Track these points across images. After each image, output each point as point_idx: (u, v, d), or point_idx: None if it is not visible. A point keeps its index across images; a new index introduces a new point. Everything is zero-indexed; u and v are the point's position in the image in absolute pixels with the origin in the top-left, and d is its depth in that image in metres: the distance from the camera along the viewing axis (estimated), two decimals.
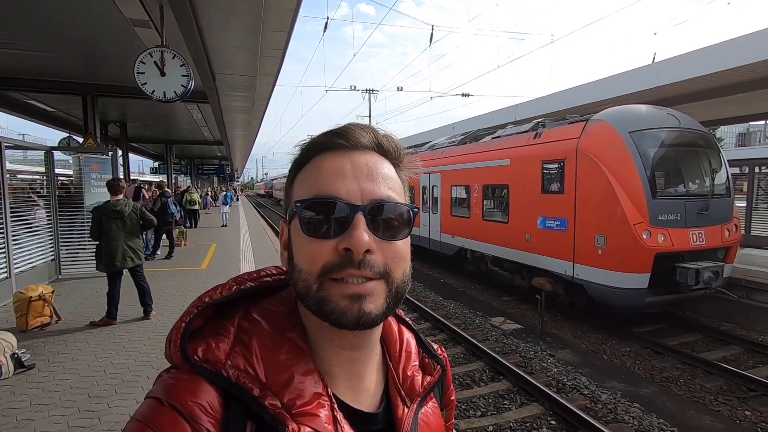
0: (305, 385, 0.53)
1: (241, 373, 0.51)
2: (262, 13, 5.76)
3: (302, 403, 0.52)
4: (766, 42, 8.08)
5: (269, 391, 0.51)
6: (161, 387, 0.51)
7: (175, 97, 5.25)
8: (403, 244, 0.56)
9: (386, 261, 0.54)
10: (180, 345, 0.52)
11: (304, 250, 0.54)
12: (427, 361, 0.69)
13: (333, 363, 0.58)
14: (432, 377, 0.68)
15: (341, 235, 0.52)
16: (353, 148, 0.57)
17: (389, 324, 0.69)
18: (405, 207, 0.57)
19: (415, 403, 0.64)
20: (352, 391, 0.59)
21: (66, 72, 8.62)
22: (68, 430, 3.01)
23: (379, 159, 0.58)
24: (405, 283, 0.57)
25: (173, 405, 0.47)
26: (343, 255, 0.52)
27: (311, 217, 0.54)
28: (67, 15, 5.95)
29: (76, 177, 8.56)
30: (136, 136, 18.00)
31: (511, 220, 9.26)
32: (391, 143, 0.60)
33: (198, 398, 0.49)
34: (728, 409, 5.13)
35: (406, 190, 0.61)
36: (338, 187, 0.54)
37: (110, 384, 3.71)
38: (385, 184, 0.56)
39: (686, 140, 7.38)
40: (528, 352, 6.65)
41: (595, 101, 11.40)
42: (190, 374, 0.51)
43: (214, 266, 9.25)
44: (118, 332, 5.04)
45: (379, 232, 0.54)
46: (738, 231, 7.55)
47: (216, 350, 0.52)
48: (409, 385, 0.64)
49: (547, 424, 4.72)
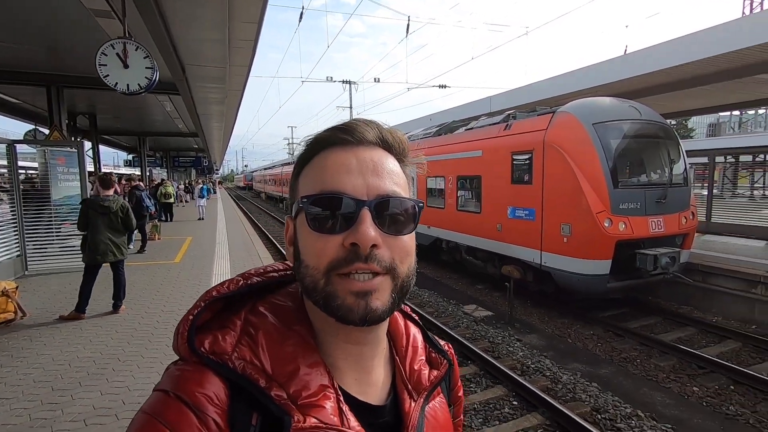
0: (311, 377, 0.53)
1: (247, 365, 0.52)
2: (227, 3, 5.72)
3: (308, 394, 0.52)
4: (725, 36, 8.40)
5: (275, 383, 0.52)
6: (168, 379, 0.51)
7: (140, 89, 5.20)
8: (408, 238, 0.57)
9: (393, 256, 0.54)
10: (187, 337, 0.53)
11: (310, 245, 0.55)
12: (434, 356, 0.70)
13: (339, 357, 0.59)
14: (439, 371, 0.68)
15: (348, 230, 0.53)
16: (358, 143, 0.58)
17: (395, 319, 0.70)
18: (410, 202, 0.57)
19: (422, 397, 0.64)
20: (359, 384, 0.60)
21: (29, 63, 8.38)
22: (30, 422, 3.04)
23: (383, 154, 0.59)
24: (410, 278, 0.57)
25: (179, 396, 0.48)
26: (349, 250, 0.52)
27: (317, 213, 0.54)
28: (28, 4, 5.78)
29: (42, 170, 8.35)
30: (107, 128, 17.55)
31: (484, 210, 9.47)
32: (396, 138, 0.61)
33: (204, 389, 0.49)
34: (678, 385, 5.45)
35: (410, 185, 0.62)
36: (344, 183, 0.54)
37: (75, 377, 3.73)
38: (391, 179, 0.57)
39: (646, 131, 7.67)
40: (496, 338, 6.88)
41: (565, 93, 11.64)
42: (196, 366, 0.52)
43: (188, 260, 9.20)
44: (85, 327, 5.03)
45: (384, 227, 0.54)
46: (695, 218, 7.91)
47: (222, 342, 0.53)
48: (416, 379, 0.65)
49: (509, 405, 4.94)
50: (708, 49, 8.55)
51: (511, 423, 4.57)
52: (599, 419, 4.61)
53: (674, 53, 9.22)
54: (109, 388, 3.52)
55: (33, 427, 2.98)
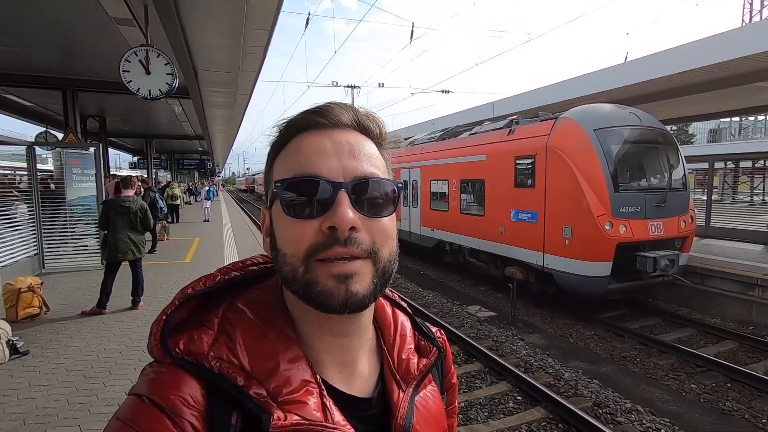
0: (292, 372, 0.52)
1: (224, 363, 0.50)
2: (244, 13, 5.96)
3: (289, 390, 0.50)
4: (725, 45, 8.64)
5: (254, 380, 0.50)
6: (143, 382, 0.50)
7: (160, 95, 5.44)
8: (389, 221, 0.55)
9: (373, 239, 0.52)
10: (160, 338, 0.51)
11: (287, 232, 0.53)
12: (423, 344, 0.68)
13: (322, 350, 0.57)
14: (428, 359, 0.66)
15: (325, 214, 0.51)
16: (333, 126, 0.56)
17: (382, 308, 0.68)
18: (389, 183, 0.56)
19: (410, 387, 0.62)
20: (344, 376, 0.58)
21: (46, 67, 8.63)
22: (68, 405, 3.26)
23: (360, 137, 0.57)
24: (392, 263, 0.56)
25: (153, 400, 0.47)
26: (328, 234, 0.50)
27: (292, 198, 0.52)
28: (50, 13, 6.03)
29: (57, 172, 8.60)
30: (115, 131, 17.83)
31: (487, 213, 9.68)
32: (373, 121, 0.59)
33: (179, 391, 0.48)
34: (677, 383, 5.64)
35: (389, 169, 0.60)
36: (319, 166, 0.53)
37: (104, 367, 3.95)
38: (368, 162, 0.55)
39: (646, 137, 7.90)
40: (500, 337, 7.07)
41: (567, 99, 11.89)
42: (171, 367, 0.50)
43: (198, 260, 9.41)
44: (107, 321, 5.25)
45: (364, 210, 0.53)
46: (693, 222, 8.12)
47: (198, 342, 0.51)
48: (404, 369, 0.63)
49: (513, 399, 5.13)
50: (707, 58, 8.80)
51: (516, 416, 4.77)
52: (600, 413, 4.80)
53: (674, 61, 9.47)
54: (137, 376, 3.72)
55: (72, 410, 3.20)
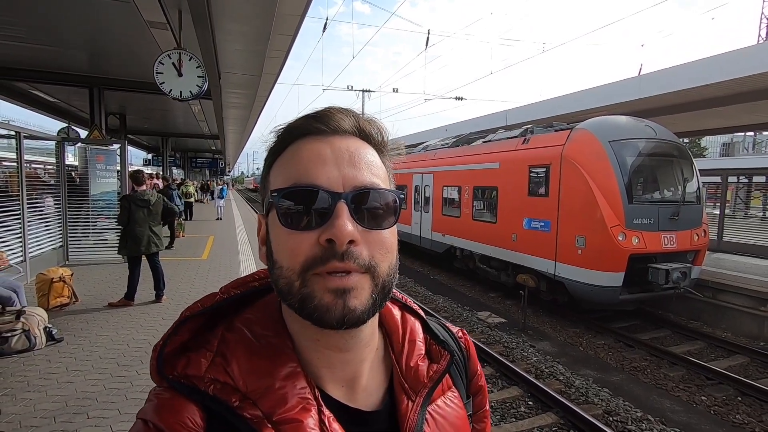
0: (287, 390, 0.50)
1: (219, 385, 0.50)
2: (273, 19, 6.16)
3: (284, 409, 0.49)
4: (741, 61, 8.70)
5: (249, 401, 0.49)
6: (147, 407, 0.51)
7: (190, 97, 5.64)
8: (389, 233, 0.53)
9: (372, 253, 0.50)
10: (156, 364, 0.52)
11: (283, 244, 0.51)
12: (434, 348, 0.64)
13: (322, 365, 0.55)
14: (439, 365, 0.62)
15: (323, 226, 0.49)
16: (333, 132, 0.54)
17: (390, 312, 0.65)
18: (391, 194, 0.54)
19: (421, 396, 0.59)
20: (347, 390, 0.56)
21: (77, 66, 8.91)
22: (105, 390, 3.44)
23: (361, 144, 0.55)
24: (392, 277, 0.53)
25: (157, 426, 0.47)
26: (325, 247, 0.48)
27: (289, 208, 0.50)
28: (88, 16, 6.27)
29: (82, 167, 8.86)
30: (134, 128, 18.19)
31: (499, 220, 9.78)
32: (375, 128, 0.57)
33: (179, 416, 0.48)
34: (687, 394, 5.70)
35: (391, 177, 0.58)
36: (318, 174, 0.51)
37: (135, 356, 4.13)
38: (369, 170, 0.53)
39: (661, 150, 7.97)
40: (510, 343, 7.16)
41: (581, 110, 11.97)
42: (171, 392, 0.50)
43: (214, 257, 9.62)
44: (133, 313, 5.44)
45: (364, 222, 0.51)
46: (706, 236, 8.16)
47: (196, 364, 0.51)
48: (413, 377, 0.60)
49: (525, 405, 5.23)
50: (723, 74, 8.86)
51: (527, 420, 4.86)
52: (611, 421, 4.88)
53: (690, 76, 9.53)
54: None
55: (109, 395, 3.37)
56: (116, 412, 3.12)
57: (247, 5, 5.79)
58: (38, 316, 4.25)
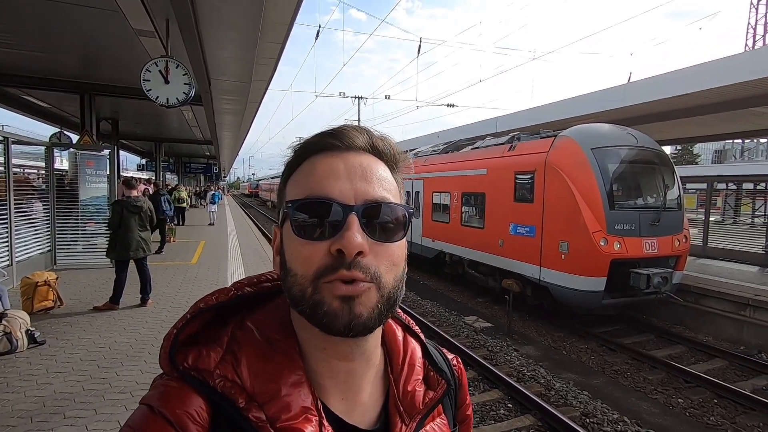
0: (292, 398, 0.51)
1: (227, 383, 0.51)
2: (260, 27, 6.28)
3: (288, 416, 0.50)
4: (722, 70, 8.90)
5: (255, 403, 0.50)
6: (153, 393, 0.51)
7: (177, 103, 5.74)
8: (397, 247, 0.55)
9: (378, 264, 0.52)
10: (169, 352, 0.52)
11: (296, 253, 0.53)
12: (432, 375, 0.65)
13: (326, 374, 0.56)
14: (435, 393, 0.63)
15: (334, 237, 0.51)
16: (347, 149, 0.56)
17: (393, 333, 0.66)
18: (401, 208, 0.55)
19: (414, 422, 0.60)
20: (346, 404, 0.57)
21: (68, 72, 8.99)
22: (84, 391, 3.50)
23: (373, 160, 0.57)
24: (397, 289, 0.55)
25: (163, 413, 0.48)
26: (335, 257, 0.50)
27: (303, 219, 0.52)
28: (79, 24, 6.37)
29: (72, 172, 8.91)
30: (127, 133, 18.23)
31: (487, 226, 9.90)
32: (387, 145, 0.59)
33: (186, 406, 0.49)
34: (665, 397, 5.81)
35: (402, 193, 0.60)
36: (331, 188, 0.52)
37: (116, 358, 4.18)
38: (380, 185, 0.55)
39: (642, 157, 8.14)
40: (495, 347, 7.25)
41: (567, 117, 12.15)
42: (179, 382, 0.51)
43: (204, 261, 9.67)
44: (117, 317, 5.49)
45: (374, 234, 0.52)
46: (687, 241, 8.30)
47: (206, 358, 0.52)
48: (409, 401, 0.61)
49: (504, 407, 5.31)
50: (705, 82, 9.05)
51: (506, 422, 4.94)
52: (588, 423, 4.96)
53: (674, 84, 9.73)
54: (148, 368, 3.97)
55: (88, 396, 3.42)
56: (93, 412, 3.18)
57: (234, 14, 5.91)
58: (20, 319, 4.30)
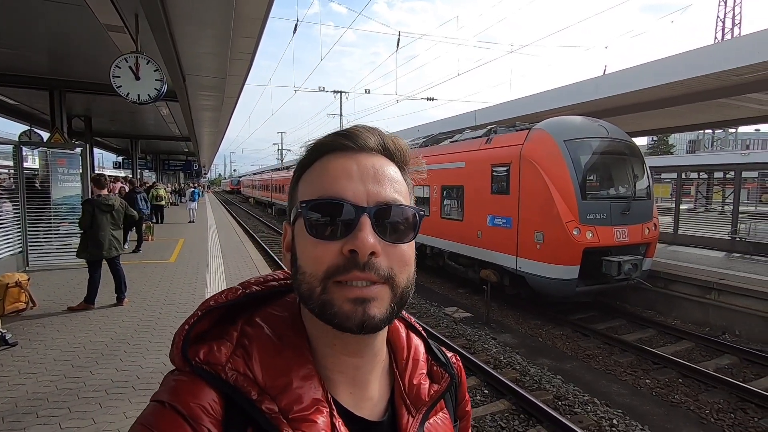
0: (304, 390, 0.52)
1: (240, 376, 0.51)
2: (232, 22, 6.23)
3: (300, 408, 0.51)
4: (688, 63, 9.19)
5: (267, 396, 0.51)
6: (164, 389, 0.51)
7: (149, 100, 5.67)
8: (408, 247, 0.56)
9: (391, 264, 0.53)
10: (181, 347, 0.53)
11: (308, 251, 0.54)
12: (436, 369, 0.67)
13: (335, 369, 0.58)
14: (439, 386, 0.66)
15: (346, 237, 0.52)
16: (359, 149, 0.57)
17: (397, 330, 0.68)
18: (411, 210, 0.56)
19: (420, 413, 0.62)
20: (354, 398, 0.59)
21: (36, 68, 8.76)
22: (57, 391, 3.48)
23: (385, 161, 0.58)
24: (409, 288, 0.56)
25: (174, 407, 0.48)
26: (348, 257, 0.51)
27: (316, 219, 0.53)
28: (44, 19, 6.21)
29: (43, 171, 8.69)
30: (101, 130, 17.81)
31: (466, 218, 10.06)
32: (397, 146, 0.60)
33: (199, 399, 0.49)
34: (633, 378, 6.06)
35: (411, 193, 0.61)
36: (344, 188, 0.53)
37: (90, 357, 4.16)
38: (392, 187, 0.56)
39: (613, 148, 8.38)
40: (473, 336, 7.42)
41: (543, 110, 12.38)
42: (191, 376, 0.52)
43: (182, 259, 9.57)
44: (92, 317, 5.43)
45: (385, 235, 0.53)
46: (656, 229, 8.60)
47: (217, 353, 0.52)
48: (415, 394, 0.63)
49: (480, 393, 5.47)
50: (673, 75, 9.34)
51: (481, 408, 5.10)
52: (559, 405, 5.16)
53: (644, 77, 10.01)
54: (123, 366, 3.97)
55: (61, 395, 3.41)
56: (66, 411, 3.17)
57: (205, 9, 5.84)
58: None
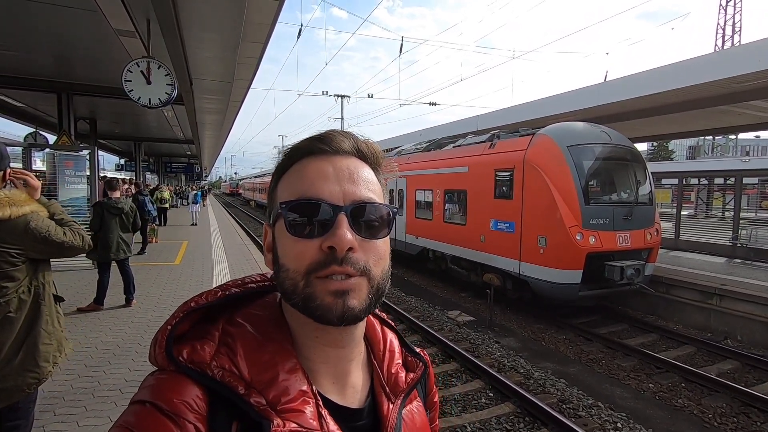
0: (290, 383, 0.54)
1: (226, 373, 0.53)
2: (242, 28, 6.33)
3: (287, 399, 0.53)
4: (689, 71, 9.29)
5: (254, 390, 0.52)
6: (144, 390, 0.52)
7: (160, 104, 5.75)
8: (383, 243, 0.59)
9: (367, 259, 0.56)
10: (165, 347, 0.54)
11: (290, 249, 0.56)
12: (410, 359, 0.72)
13: (318, 361, 0.60)
14: (415, 374, 0.70)
15: (325, 235, 0.54)
16: (335, 152, 0.60)
17: (373, 325, 0.72)
18: (385, 208, 0.59)
19: (399, 399, 0.66)
20: (337, 387, 0.61)
21: (44, 71, 8.85)
22: (72, 390, 3.54)
23: (359, 163, 0.61)
24: (385, 281, 0.60)
25: (156, 404, 0.48)
26: (327, 253, 0.54)
27: (296, 218, 0.56)
28: (56, 24, 6.30)
29: (50, 173, 8.76)
30: (105, 133, 17.91)
31: (468, 222, 10.13)
32: (370, 148, 0.63)
33: (183, 396, 0.50)
34: (636, 382, 6.11)
35: (385, 193, 0.64)
36: (321, 189, 0.56)
37: (103, 357, 4.22)
38: (366, 187, 0.59)
39: (616, 154, 8.46)
40: (477, 340, 7.47)
41: (545, 116, 12.47)
42: (174, 374, 0.52)
43: (187, 261, 9.64)
44: (102, 317, 5.50)
45: (361, 232, 0.56)
46: (659, 234, 8.67)
47: (201, 351, 0.54)
48: (393, 382, 0.67)
49: (485, 396, 5.52)
50: (674, 82, 9.44)
51: (486, 410, 5.14)
52: (564, 408, 5.21)
53: (645, 84, 10.11)
54: (136, 366, 4.03)
55: (77, 394, 3.48)
56: (83, 409, 3.23)
57: (216, 14, 5.94)
58: None
